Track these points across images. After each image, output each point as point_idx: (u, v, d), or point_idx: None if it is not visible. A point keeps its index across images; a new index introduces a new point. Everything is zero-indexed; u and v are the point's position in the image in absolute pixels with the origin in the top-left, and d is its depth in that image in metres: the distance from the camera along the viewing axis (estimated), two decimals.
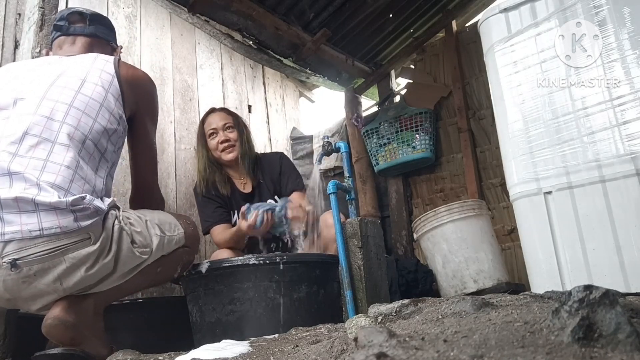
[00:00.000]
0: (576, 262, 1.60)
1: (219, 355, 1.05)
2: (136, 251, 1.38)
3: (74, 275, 1.27)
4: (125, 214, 1.42)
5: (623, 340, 0.57)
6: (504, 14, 1.86)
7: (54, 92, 1.39)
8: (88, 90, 1.43)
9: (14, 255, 1.20)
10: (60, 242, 1.24)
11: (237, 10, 2.95)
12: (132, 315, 1.91)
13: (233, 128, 2.43)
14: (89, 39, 1.66)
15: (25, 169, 1.25)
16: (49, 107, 1.36)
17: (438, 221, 2.64)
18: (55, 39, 1.68)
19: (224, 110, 2.55)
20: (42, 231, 1.21)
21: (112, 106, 1.45)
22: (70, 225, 1.23)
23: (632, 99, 1.57)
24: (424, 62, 3.77)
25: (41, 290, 1.27)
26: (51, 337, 1.29)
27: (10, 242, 1.20)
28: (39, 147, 1.29)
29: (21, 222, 1.20)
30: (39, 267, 1.23)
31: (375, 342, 0.66)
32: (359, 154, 3.74)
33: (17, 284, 1.25)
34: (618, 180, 1.56)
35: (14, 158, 1.26)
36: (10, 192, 1.21)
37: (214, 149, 2.41)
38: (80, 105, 1.39)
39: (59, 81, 1.42)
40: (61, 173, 1.27)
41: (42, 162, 1.27)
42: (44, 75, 1.44)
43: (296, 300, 1.72)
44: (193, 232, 1.65)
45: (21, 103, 1.37)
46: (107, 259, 1.31)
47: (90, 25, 1.68)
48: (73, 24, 1.67)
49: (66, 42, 1.65)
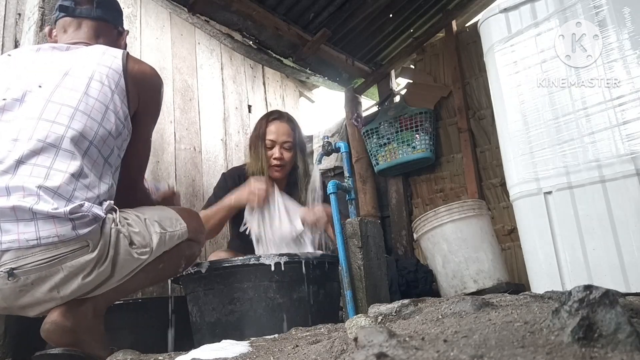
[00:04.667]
0: (576, 262, 1.60)
1: (219, 355, 1.05)
2: (135, 253, 1.35)
3: (71, 284, 1.25)
4: (122, 214, 1.38)
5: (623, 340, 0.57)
6: (504, 14, 1.86)
7: (59, 95, 1.35)
8: (94, 91, 1.38)
9: (11, 265, 1.18)
10: (58, 250, 1.21)
11: (237, 10, 2.95)
12: (132, 315, 1.91)
13: (291, 148, 2.36)
14: (95, 22, 1.58)
15: (27, 177, 1.22)
16: (54, 111, 1.32)
17: (438, 221, 2.64)
18: (60, 19, 1.59)
19: (289, 123, 2.42)
20: (39, 240, 1.19)
21: (117, 108, 1.41)
22: (68, 233, 1.21)
23: (632, 99, 1.57)
24: (424, 62, 3.77)
25: (38, 299, 1.26)
26: (50, 341, 1.28)
27: (7, 251, 1.18)
28: (42, 154, 1.26)
29: (18, 231, 1.18)
30: (36, 276, 1.21)
31: (375, 342, 0.66)
32: (359, 154, 3.74)
33: (14, 293, 1.23)
34: (618, 180, 1.56)
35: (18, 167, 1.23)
36: (7, 201, 1.18)
37: (264, 159, 2.35)
38: (85, 109, 1.35)
39: (65, 82, 1.38)
40: (64, 181, 1.24)
41: (46, 169, 1.24)
42: (50, 74, 1.40)
43: (296, 300, 1.72)
44: (197, 225, 1.59)
45: (25, 106, 1.34)
46: (104, 265, 1.29)
47: (97, 7, 1.59)
48: (79, 5, 1.58)
49: (71, 25, 1.57)
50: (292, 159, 2.39)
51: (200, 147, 3.05)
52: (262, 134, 2.38)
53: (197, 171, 2.99)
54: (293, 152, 2.39)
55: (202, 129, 3.10)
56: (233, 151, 3.31)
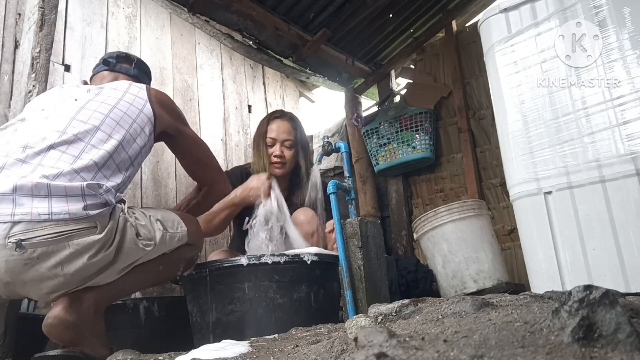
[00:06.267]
0: (576, 262, 1.60)
1: (219, 355, 1.05)
2: (140, 243, 1.41)
3: (76, 262, 1.30)
4: (130, 208, 1.46)
5: (623, 340, 0.57)
6: (504, 14, 1.85)
7: (92, 104, 1.52)
8: (123, 107, 1.55)
9: (20, 236, 1.24)
10: (67, 227, 1.27)
11: (237, 10, 2.95)
12: (132, 315, 1.91)
13: (292, 146, 2.39)
14: (130, 79, 1.79)
15: (56, 160, 1.34)
16: (87, 115, 1.47)
17: (438, 221, 2.64)
18: (99, 72, 1.81)
19: (291, 122, 2.46)
20: (51, 215, 1.25)
21: (143, 124, 1.57)
22: (79, 212, 1.28)
23: (632, 99, 1.57)
24: (424, 62, 3.77)
25: (41, 274, 1.29)
26: (51, 336, 1.30)
27: (18, 223, 1.24)
28: (72, 145, 1.39)
29: (32, 205, 1.25)
30: (43, 250, 1.26)
31: (375, 342, 0.66)
32: (359, 154, 3.74)
33: (19, 266, 1.26)
34: (618, 180, 1.56)
35: (48, 151, 1.36)
36: (30, 178, 1.27)
37: (266, 157, 2.38)
38: (115, 117, 1.51)
39: (97, 98, 1.55)
40: (88, 166, 1.36)
41: (73, 158, 1.37)
42: (84, 94, 1.57)
43: (296, 300, 1.72)
44: (196, 230, 1.68)
45: (61, 108, 1.49)
46: (110, 249, 1.35)
47: (135, 68, 1.84)
48: (120, 63, 1.82)
49: (108, 77, 1.78)
50: (293, 157, 2.40)
51: None
52: (264, 132, 2.42)
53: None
54: (294, 151, 2.40)
55: (202, 129, 3.10)
56: (233, 151, 3.31)
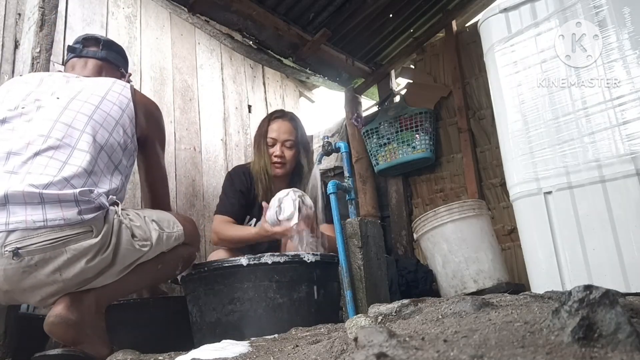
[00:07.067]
0: (576, 262, 1.59)
1: (219, 355, 1.05)
2: (136, 244, 1.41)
3: (74, 267, 1.29)
4: (124, 210, 1.46)
5: (623, 340, 0.57)
6: (504, 14, 1.85)
7: (75, 104, 1.48)
8: (106, 107, 1.52)
9: (16, 244, 1.23)
10: (63, 232, 1.27)
11: (237, 10, 2.95)
12: (132, 315, 1.91)
13: (292, 146, 2.39)
14: (99, 62, 1.75)
15: (43, 167, 1.32)
16: (70, 117, 1.44)
17: (438, 221, 2.64)
18: (69, 60, 1.77)
19: (292, 122, 2.45)
20: (46, 222, 1.25)
21: (126, 125, 1.55)
22: (74, 217, 1.28)
23: (632, 99, 1.57)
24: (424, 62, 3.77)
25: (40, 280, 1.29)
26: (53, 335, 1.30)
27: (13, 231, 1.23)
28: (59, 150, 1.36)
29: (26, 213, 1.24)
30: (40, 257, 1.26)
31: (375, 342, 0.66)
32: (359, 154, 3.74)
33: (17, 274, 1.26)
34: (618, 180, 1.56)
35: (35, 157, 1.33)
36: (20, 186, 1.26)
37: (266, 157, 2.38)
38: (98, 119, 1.48)
39: (79, 96, 1.51)
40: (77, 173, 1.34)
41: (61, 163, 1.34)
42: (65, 89, 1.53)
43: (296, 300, 1.72)
44: (192, 230, 1.69)
45: (43, 110, 1.45)
46: (107, 252, 1.34)
47: (102, 49, 1.78)
48: (87, 47, 1.77)
49: (78, 64, 1.74)
50: (294, 157, 2.41)
51: (200, 147, 3.05)
52: (264, 132, 2.42)
53: (197, 171, 2.99)
54: (295, 151, 2.40)
55: (202, 129, 3.10)
56: (233, 151, 3.31)
